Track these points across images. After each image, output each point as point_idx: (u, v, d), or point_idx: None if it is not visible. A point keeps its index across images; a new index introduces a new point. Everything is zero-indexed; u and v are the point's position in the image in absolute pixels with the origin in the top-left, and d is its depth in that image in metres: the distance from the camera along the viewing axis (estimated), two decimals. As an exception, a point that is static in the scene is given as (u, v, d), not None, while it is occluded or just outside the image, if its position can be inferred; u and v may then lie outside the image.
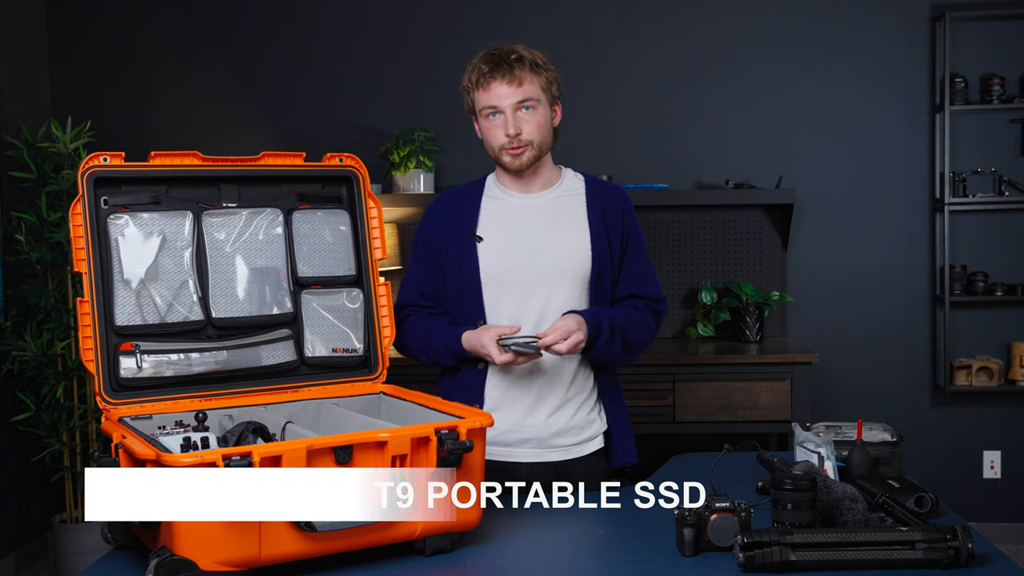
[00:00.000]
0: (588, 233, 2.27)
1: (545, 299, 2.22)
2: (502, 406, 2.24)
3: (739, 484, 2.11)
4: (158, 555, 1.57)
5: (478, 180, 2.36)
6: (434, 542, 1.79)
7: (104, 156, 1.96)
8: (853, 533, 1.68)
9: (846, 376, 4.47)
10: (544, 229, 2.26)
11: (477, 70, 2.21)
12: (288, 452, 1.60)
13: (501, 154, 2.22)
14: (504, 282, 2.23)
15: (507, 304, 2.23)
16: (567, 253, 2.24)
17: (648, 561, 1.76)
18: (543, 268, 2.23)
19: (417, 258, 2.34)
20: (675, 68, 4.49)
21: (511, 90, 2.18)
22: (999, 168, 4.35)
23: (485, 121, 2.23)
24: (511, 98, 2.18)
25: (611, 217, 2.29)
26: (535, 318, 2.22)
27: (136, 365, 1.94)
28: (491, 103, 2.19)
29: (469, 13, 4.51)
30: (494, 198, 2.31)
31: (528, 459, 2.25)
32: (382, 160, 4.47)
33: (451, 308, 2.29)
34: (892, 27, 4.40)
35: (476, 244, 2.25)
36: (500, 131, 2.20)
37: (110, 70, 4.62)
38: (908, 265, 4.44)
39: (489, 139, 2.24)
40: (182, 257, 2.02)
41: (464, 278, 2.24)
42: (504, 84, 2.18)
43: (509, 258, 2.23)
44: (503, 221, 2.27)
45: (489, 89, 2.18)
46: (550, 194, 2.30)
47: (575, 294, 2.24)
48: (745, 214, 4.42)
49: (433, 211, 2.34)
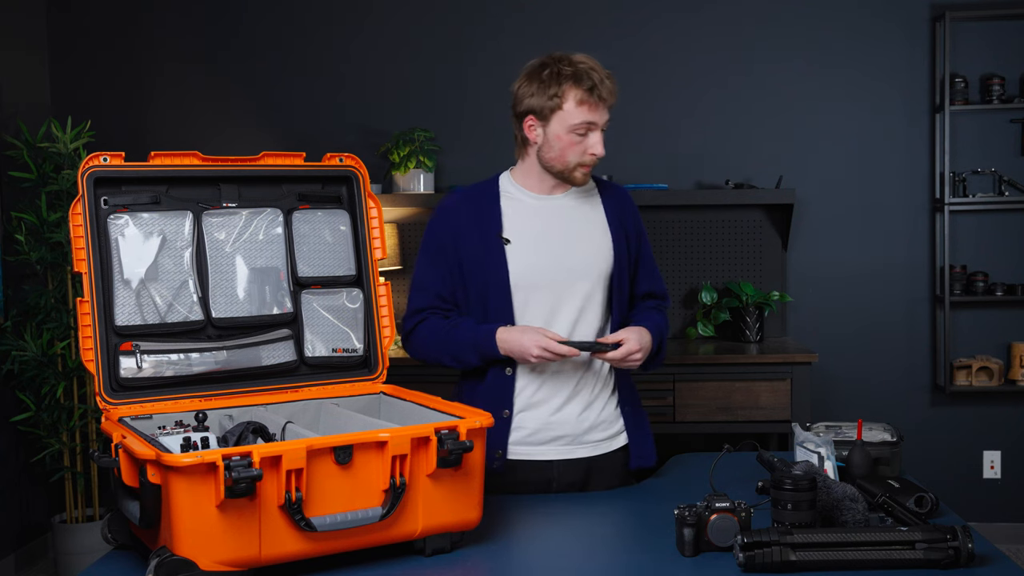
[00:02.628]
0: (609, 233, 2.28)
1: (574, 299, 2.23)
2: (532, 406, 2.24)
3: (739, 484, 2.11)
4: (158, 555, 1.57)
5: (489, 179, 2.34)
6: (434, 542, 1.79)
7: (104, 156, 1.96)
8: (853, 533, 1.68)
9: (846, 376, 4.47)
10: (568, 230, 2.26)
11: (581, 82, 2.15)
12: (288, 452, 1.60)
13: (575, 170, 2.21)
14: (533, 284, 2.22)
15: (538, 306, 2.22)
16: (592, 254, 2.25)
17: (648, 561, 1.76)
18: (571, 269, 2.23)
19: (431, 260, 2.28)
20: (675, 68, 4.49)
21: (606, 112, 2.20)
22: (999, 168, 4.35)
23: (569, 135, 2.17)
24: (606, 118, 2.20)
25: (626, 217, 2.32)
26: (568, 320, 2.22)
27: (136, 365, 1.94)
28: (592, 120, 2.16)
29: (470, 13, 4.50)
30: (513, 199, 2.28)
31: (560, 456, 2.25)
32: (382, 160, 4.47)
33: (474, 311, 2.26)
34: (892, 27, 4.40)
35: (504, 246, 2.23)
36: (586, 149, 2.18)
37: (110, 70, 4.62)
38: (908, 265, 4.44)
39: (567, 153, 2.19)
40: (182, 257, 2.02)
41: (492, 281, 2.22)
42: (606, 108, 2.19)
43: (539, 259, 2.22)
44: (527, 222, 2.26)
45: (597, 109, 2.17)
46: (569, 195, 2.30)
47: (599, 294, 2.26)
48: (745, 214, 4.42)
49: (446, 211, 2.29)
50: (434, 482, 1.75)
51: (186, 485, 1.55)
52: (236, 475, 1.54)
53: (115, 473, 1.68)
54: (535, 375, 2.23)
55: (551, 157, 2.21)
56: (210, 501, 1.56)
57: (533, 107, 2.19)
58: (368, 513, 1.69)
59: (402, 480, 1.70)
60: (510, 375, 2.23)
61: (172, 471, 1.55)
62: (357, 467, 1.69)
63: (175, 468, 1.54)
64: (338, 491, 1.67)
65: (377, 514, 1.69)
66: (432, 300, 2.27)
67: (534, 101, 2.19)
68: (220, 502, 1.55)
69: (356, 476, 1.69)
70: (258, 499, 1.60)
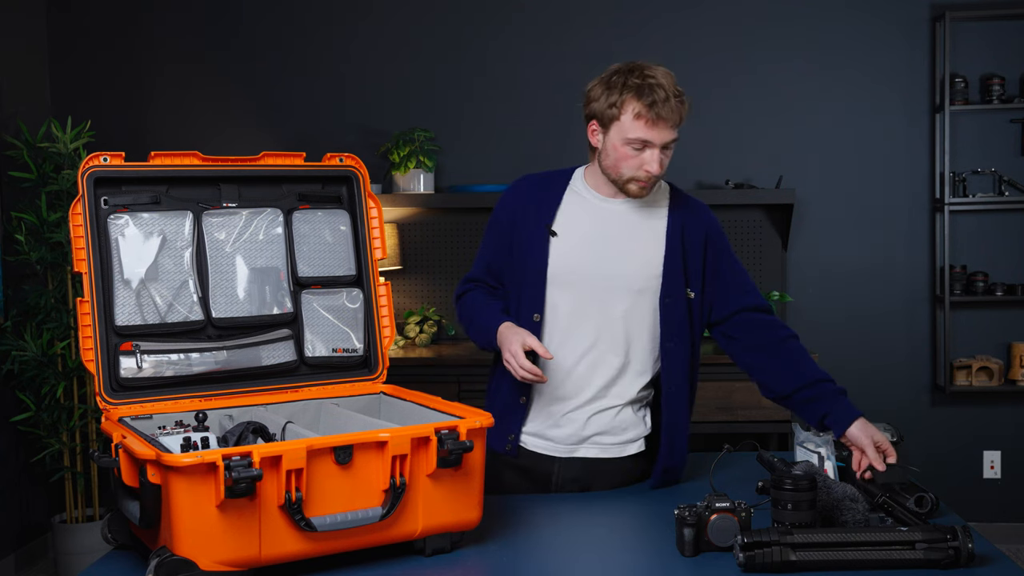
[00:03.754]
0: (664, 247, 2.21)
1: (605, 306, 2.19)
2: (543, 404, 2.23)
3: (739, 484, 2.11)
4: (158, 555, 1.57)
5: (566, 170, 2.31)
6: (434, 542, 1.79)
7: (104, 156, 1.96)
8: (853, 533, 1.68)
9: (846, 376, 4.46)
10: (620, 237, 2.21)
11: (644, 96, 2.09)
12: (288, 452, 1.60)
13: (630, 183, 2.16)
14: (569, 282, 2.20)
15: (566, 304, 2.20)
16: (637, 265, 2.19)
17: (648, 561, 1.77)
18: (611, 276, 2.19)
19: (491, 234, 2.32)
20: (675, 68, 4.41)
21: (670, 132, 2.12)
22: (999, 168, 4.35)
23: (626, 148, 2.12)
24: (667, 138, 2.13)
25: (692, 233, 2.23)
26: (593, 324, 2.19)
27: (136, 365, 1.94)
28: (648, 139, 2.10)
29: (470, 13, 4.50)
30: (578, 195, 2.26)
31: (563, 454, 2.23)
32: (382, 160, 4.47)
33: (511, 294, 2.27)
34: (892, 27, 4.40)
35: (549, 238, 2.21)
36: (639, 164, 2.13)
37: (110, 70, 4.62)
38: (908, 265, 4.44)
39: (621, 165, 2.15)
40: (182, 257, 2.02)
41: (530, 269, 2.21)
42: (668, 127, 2.11)
43: (580, 259, 2.20)
44: (582, 221, 2.23)
45: (656, 127, 2.09)
46: (634, 202, 2.23)
47: (640, 307, 2.20)
48: (745, 214, 4.42)
49: (514, 192, 2.30)
50: (434, 482, 1.75)
51: (186, 485, 1.55)
52: (236, 475, 1.54)
53: (115, 473, 1.68)
54: (553, 372, 2.20)
55: (607, 165, 2.18)
56: (210, 501, 1.56)
57: (595, 112, 2.16)
58: (368, 513, 1.69)
59: (402, 480, 1.70)
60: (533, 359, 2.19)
61: (172, 471, 1.55)
62: (357, 467, 1.69)
63: (175, 468, 1.54)
64: (338, 491, 1.67)
65: (377, 514, 1.69)
66: (481, 271, 2.33)
67: (597, 106, 2.15)
68: (220, 502, 1.55)
69: (356, 476, 1.69)
70: (258, 499, 1.60)
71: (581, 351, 2.20)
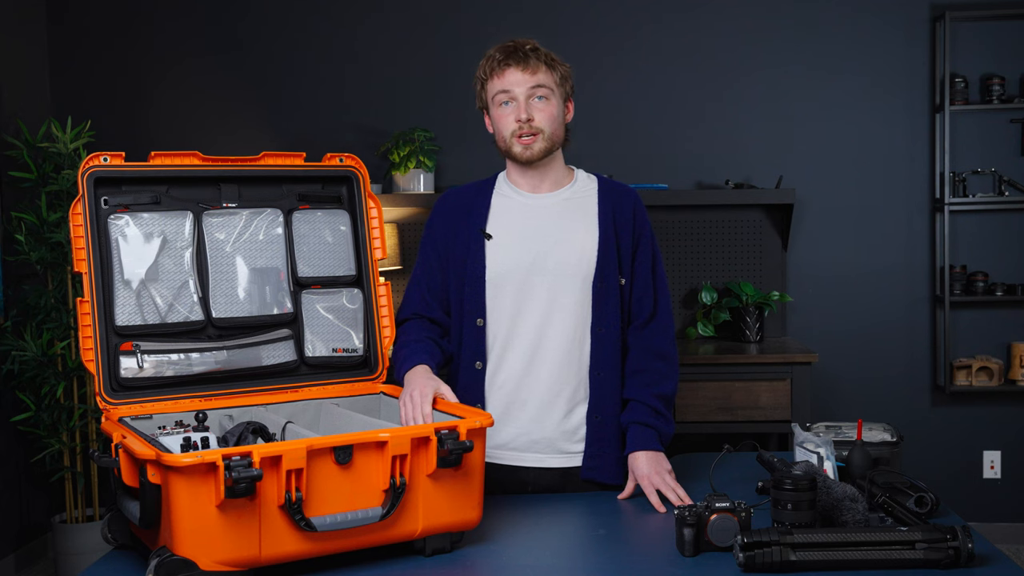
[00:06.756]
0: (596, 234, 2.23)
1: (547, 300, 2.19)
2: (510, 412, 2.21)
3: (739, 484, 2.11)
4: (158, 555, 1.57)
5: (489, 178, 2.34)
6: (434, 542, 1.79)
7: (104, 156, 1.96)
8: (853, 533, 1.68)
9: (846, 376, 4.47)
10: (553, 230, 2.22)
11: (492, 59, 2.18)
12: (288, 452, 1.60)
13: (512, 143, 2.18)
14: (508, 281, 2.20)
15: (507, 303, 2.20)
16: (575, 255, 2.20)
17: (648, 561, 1.76)
18: (549, 269, 2.19)
19: (424, 256, 2.30)
20: (676, 68, 4.49)
21: (525, 77, 2.15)
22: (999, 168, 4.35)
23: (497, 109, 2.19)
24: (524, 84, 2.15)
25: (620, 216, 2.25)
26: (535, 319, 2.19)
27: (136, 365, 1.94)
28: (504, 88, 2.16)
29: (470, 13, 4.51)
30: (504, 196, 2.28)
31: (537, 464, 2.22)
32: (382, 160, 4.47)
33: (453, 304, 2.26)
34: (892, 27, 4.40)
35: (485, 242, 2.22)
36: (511, 117, 2.17)
37: (110, 70, 4.62)
38: (908, 265, 4.44)
39: (500, 127, 2.20)
40: (182, 257, 2.02)
41: (469, 274, 2.22)
42: (519, 71, 2.15)
43: (517, 257, 2.20)
44: (513, 220, 2.24)
45: (503, 76, 2.16)
46: (561, 194, 2.26)
47: (579, 296, 2.20)
48: (745, 214, 4.42)
49: (441, 207, 2.31)
50: (434, 482, 1.75)
51: (186, 485, 1.55)
52: (236, 475, 1.54)
53: (115, 473, 1.69)
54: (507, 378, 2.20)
55: (497, 141, 2.24)
56: (210, 501, 1.56)
57: (480, 102, 2.26)
58: (368, 513, 1.69)
59: (402, 480, 1.70)
60: (480, 369, 2.20)
61: (172, 471, 1.55)
62: (357, 467, 1.69)
63: (175, 468, 1.54)
64: (338, 491, 1.67)
65: (377, 514, 1.69)
66: (418, 301, 2.27)
67: (478, 95, 2.25)
68: (220, 502, 1.55)
69: (356, 476, 1.69)
70: (258, 499, 1.60)
71: (526, 351, 2.19)
